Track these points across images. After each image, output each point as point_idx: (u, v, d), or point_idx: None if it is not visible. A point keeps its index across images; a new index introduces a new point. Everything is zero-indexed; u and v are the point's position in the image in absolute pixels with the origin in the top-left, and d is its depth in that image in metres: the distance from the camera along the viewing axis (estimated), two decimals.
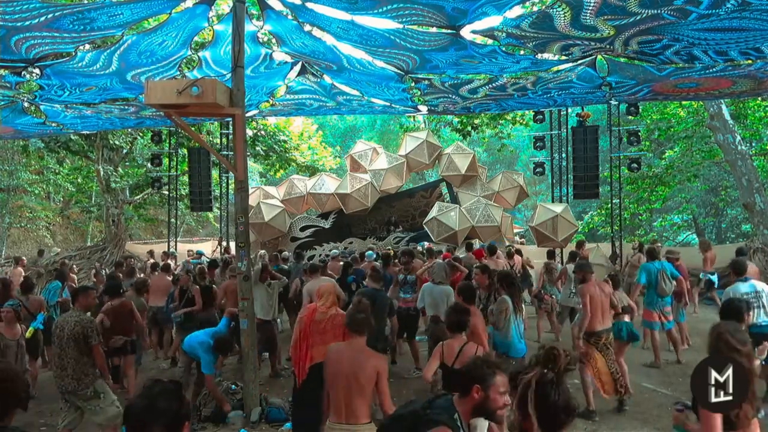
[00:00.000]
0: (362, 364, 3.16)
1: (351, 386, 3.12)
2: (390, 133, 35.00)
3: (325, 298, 4.50)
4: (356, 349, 3.24)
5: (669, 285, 7.07)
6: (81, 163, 20.43)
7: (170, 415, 1.75)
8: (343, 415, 3.13)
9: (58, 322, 4.60)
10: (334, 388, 3.17)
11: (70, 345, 4.40)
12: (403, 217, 16.56)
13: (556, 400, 1.81)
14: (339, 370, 3.16)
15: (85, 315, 4.63)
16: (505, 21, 5.06)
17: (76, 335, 4.40)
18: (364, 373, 3.12)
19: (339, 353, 3.24)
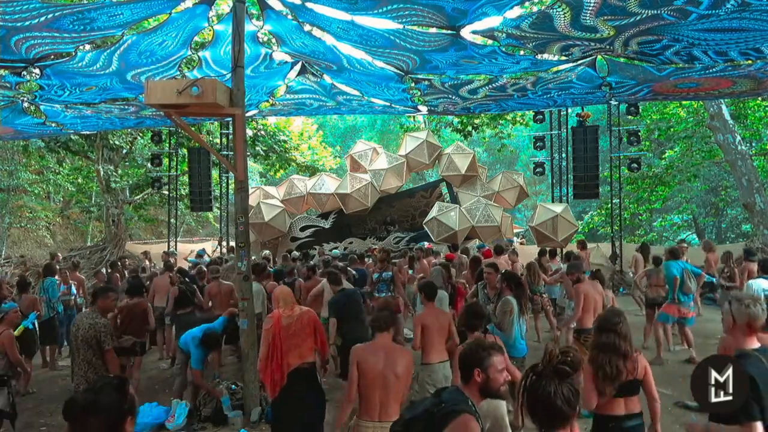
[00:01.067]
0: (397, 360, 3.18)
1: (388, 385, 3.14)
2: (390, 133, 34.99)
3: (284, 302, 4.41)
4: (387, 347, 3.25)
5: (693, 283, 7.19)
6: (81, 163, 20.43)
7: (111, 409, 1.79)
8: (377, 413, 3.14)
9: (74, 323, 4.50)
10: (371, 388, 3.15)
11: (83, 347, 4.33)
12: (403, 217, 16.56)
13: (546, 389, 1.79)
14: (376, 369, 3.14)
15: (101, 318, 4.47)
16: (505, 21, 5.06)
17: (89, 339, 4.31)
18: (401, 369, 3.15)
19: (372, 353, 3.21)
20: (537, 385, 1.80)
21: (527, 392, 1.82)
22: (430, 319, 4.63)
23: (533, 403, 1.81)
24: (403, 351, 3.31)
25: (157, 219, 24.55)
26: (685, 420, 5.23)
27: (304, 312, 4.38)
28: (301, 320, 4.28)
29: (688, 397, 5.49)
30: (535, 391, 1.80)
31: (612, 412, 3.14)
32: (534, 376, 1.83)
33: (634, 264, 10.43)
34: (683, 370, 6.58)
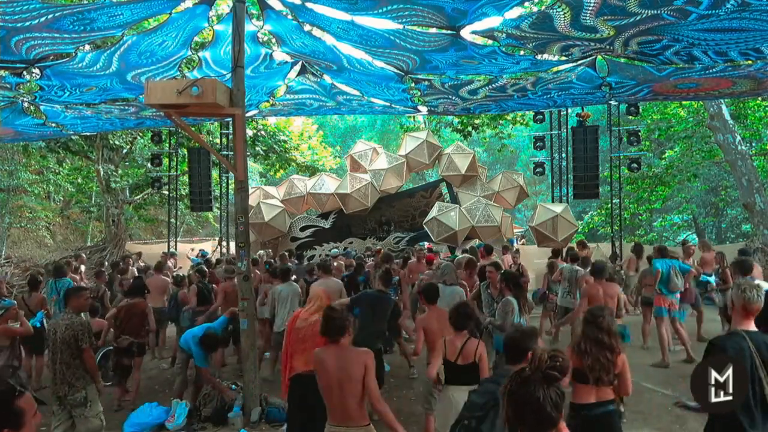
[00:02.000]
0: (349, 362, 3.15)
1: (343, 387, 3.12)
2: (390, 133, 35.00)
3: (311, 303, 4.30)
4: (341, 349, 3.22)
5: (680, 281, 7.29)
6: (81, 163, 20.43)
7: None
8: (338, 416, 3.14)
9: (51, 325, 4.46)
10: (328, 392, 3.17)
11: (61, 349, 4.28)
12: (403, 217, 16.56)
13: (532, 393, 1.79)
14: (328, 373, 3.15)
15: (77, 317, 4.46)
16: (505, 22, 5.07)
17: (67, 339, 4.28)
18: (355, 372, 3.12)
19: (325, 357, 3.21)
20: (525, 390, 1.80)
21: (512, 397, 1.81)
22: (431, 321, 4.62)
23: (520, 408, 1.80)
24: (358, 352, 3.25)
25: (157, 219, 24.56)
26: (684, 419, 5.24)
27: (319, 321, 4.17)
28: (313, 327, 4.07)
29: (687, 398, 5.50)
30: (522, 396, 1.79)
31: (583, 401, 3.34)
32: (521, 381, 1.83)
33: (627, 264, 10.48)
34: (683, 370, 6.59)
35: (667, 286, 7.24)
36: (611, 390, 3.35)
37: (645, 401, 5.85)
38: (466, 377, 3.79)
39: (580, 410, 3.33)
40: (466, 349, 3.80)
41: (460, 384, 3.81)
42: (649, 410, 5.58)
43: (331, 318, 3.26)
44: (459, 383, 3.82)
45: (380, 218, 16.32)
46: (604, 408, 3.32)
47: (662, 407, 5.65)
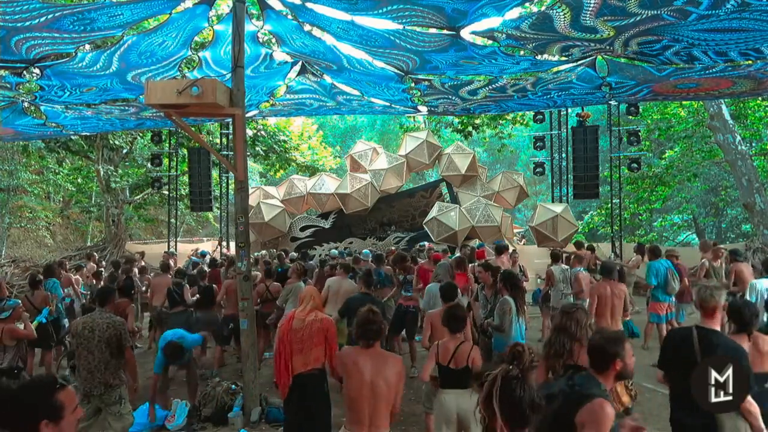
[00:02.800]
0: (385, 369, 3.07)
1: (376, 395, 3.03)
2: (390, 133, 34.99)
3: (305, 303, 4.23)
4: (375, 355, 3.13)
5: (677, 283, 7.25)
6: (81, 163, 20.44)
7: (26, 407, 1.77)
8: (366, 425, 3.03)
9: (86, 323, 4.37)
10: (358, 398, 3.05)
11: (100, 348, 4.25)
12: (403, 217, 16.56)
13: (522, 396, 1.82)
14: (362, 379, 3.04)
15: (116, 317, 4.47)
16: (504, 22, 5.07)
17: (109, 338, 4.26)
18: (389, 379, 3.06)
19: (358, 362, 3.10)
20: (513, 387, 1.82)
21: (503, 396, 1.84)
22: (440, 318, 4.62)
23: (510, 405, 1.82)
24: (393, 357, 3.22)
25: (157, 219, 24.56)
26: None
27: (317, 319, 4.11)
28: (311, 327, 4.04)
29: None
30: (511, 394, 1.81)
31: None
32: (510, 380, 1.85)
33: (635, 265, 10.42)
34: None
35: (665, 289, 7.19)
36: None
37: (645, 401, 5.85)
38: (458, 381, 3.79)
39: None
40: (458, 353, 3.80)
41: (453, 387, 3.82)
42: (649, 410, 5.58)
43: (370, 321, 3.16)
44: (452, 387, 3.83)
45: (382, 218, 16.32)
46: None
47: (662, 407, 5.64)
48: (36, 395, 1.80)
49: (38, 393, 1.82)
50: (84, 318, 4.55)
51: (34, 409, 1.77)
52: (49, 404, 1.80)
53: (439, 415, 3.86)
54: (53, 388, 1.85)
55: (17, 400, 1.79)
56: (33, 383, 1.88)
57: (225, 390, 5.84)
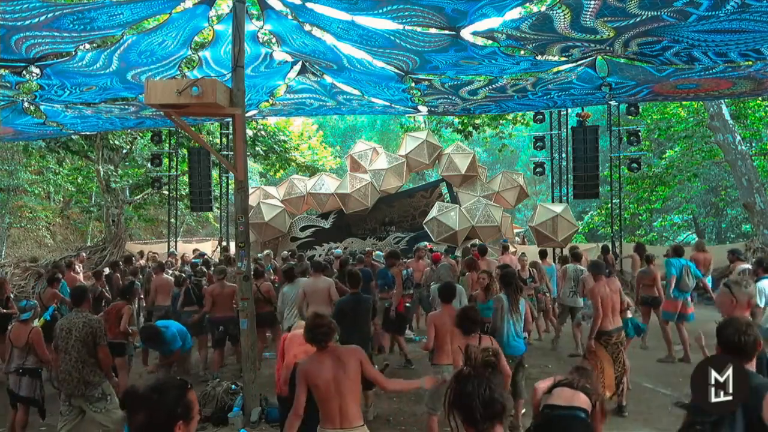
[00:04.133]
0: (343, 364, 3.11)
1: (341, 390, 3.07)
2: (390, 133, 35.00)
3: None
4: (331, 355, 3.16)
5: (692, 281, 7.28)
6: (81, 163, 20.44)
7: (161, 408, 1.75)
8: (337, 421, 3.08)
9: (63, 325, 4.40)
10: (326, 398, 3.09)
11: (76, 347, 4.26)
12: (403, 217, 16.57)
13: (473, 393, 1.81)
14: (324, 378, 3.08)
15: (92, 315, 4.49)
16: (505, 23, 5.07)
17: (84, 337, 4.28)
18: (351, 367, 3.09)
19: (318, 366, 3.13)
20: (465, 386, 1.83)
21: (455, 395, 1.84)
22: (444, 319, 4.63)
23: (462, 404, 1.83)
24: (345, 349, 3.23)
25: (157, 219, 24.55)
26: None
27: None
28: None
29: (688, 398, 5.49)
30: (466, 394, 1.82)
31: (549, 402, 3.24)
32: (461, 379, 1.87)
33: (632, 264, 10.44)
34: (683, 370, 6.59)
35: (678, 286, 7.23)
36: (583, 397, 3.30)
37: (645, 401, 5.85)
38: None
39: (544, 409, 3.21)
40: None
41: None
42: (649, 410, 5.58)
43: (318, 326, 3.17)
44: None
45: (382, 218, 16.33)
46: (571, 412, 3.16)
47: (662, 407, 5.65)
48: (173, 396, 1.78)
49: (175, 394, 1.80)
50: (62, 320, 4.58)
51: (172, 410, 1.76)
52: (185, 405, 1.80)
53: None
54: (186, 389, 1.83)
55: (154, 402, 1.76)
56: (168, 384, 1.84)
57: (225, 390, 5.84)
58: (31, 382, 4.95)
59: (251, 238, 7.63)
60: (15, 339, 5.03)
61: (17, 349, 5.00)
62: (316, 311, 3.34)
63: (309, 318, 3.26)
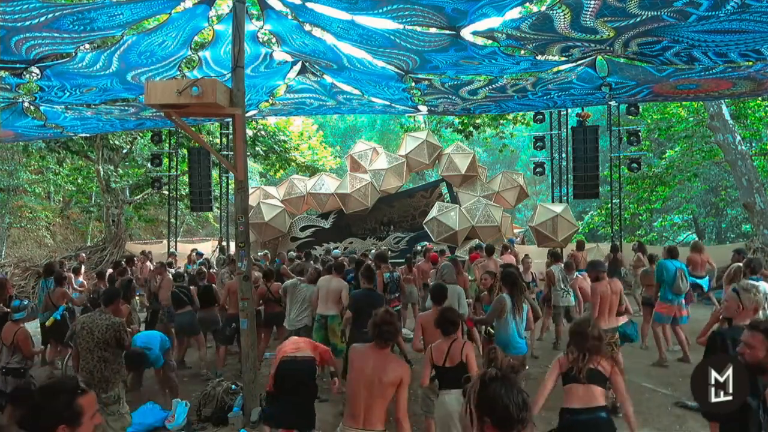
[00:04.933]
0: (387, 368, 3.12)
1: (372, 392, 3.08)
2: (390, 133, 35.00)
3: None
4: (381, 356, 3.19)
5: (685, 284, 7.17)
6: (81, 163, 20.44)
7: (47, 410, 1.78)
8: (360, 419, 3.09)
9: (84, 324, 4.40)
10: (355, 390, 3.12)
11: (99, 347, 4.29)
12: (403, 217, 16.57)
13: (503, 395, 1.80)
14: (362, 372, 3.12)
15: (115, 318, 4.49)
16: (505, 22, 5.07)
17: (108, 339, 4.30)
18: (388, 378, 3.09)
19: (364, 356, 3.18)
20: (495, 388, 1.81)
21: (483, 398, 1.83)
22: (431, 321, 4.62)
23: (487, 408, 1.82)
24: (398, 362, 3.24)
25: (157, 219, 24.55)
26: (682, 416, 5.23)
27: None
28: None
29: (687, 398, 5.50)
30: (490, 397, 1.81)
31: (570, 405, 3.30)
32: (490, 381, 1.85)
33: (635, 263, 10.38)
34: (683, 370, 6.59)
35: (671, 288, 7.17)
36: (601, 395, 3.26)
37: (645, 401, 5.85)
38: (456, 379, 3.79)
39: (565, 413, 3.28)
40: (452, 351, 3.84)
41: (451, 387, 3.84)
42: (649, 410, 5.58)
43: (387, 322, 3.19)
44: (450, 386, 3.84)
45: (382, 218, 16.33)
46: (591, 414, 3.21)
47: (662, 407, 5.65)
48: (57, 399, 1.80)
49: (59, 397, 1.81)
50: (83, 318, 4.58)
51: (54, 412, 1.77)
52: (70, 409, 1.80)
53: (442, 417, 3.86)
54: (74, 393, 1.84)
55: (38, 403, 1.79)
56: (54, 386, 1.87)
57: (225, 390, 5.85)
58: (15, 382, 4.96)
59: (251, 238, 7.63)
60: (4, 338, 5.08)
61: (5, 348, 5.07)
62: (389, 310, 3.34)
63: (379, 314, 3.25)
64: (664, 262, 7.33)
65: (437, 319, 4.06)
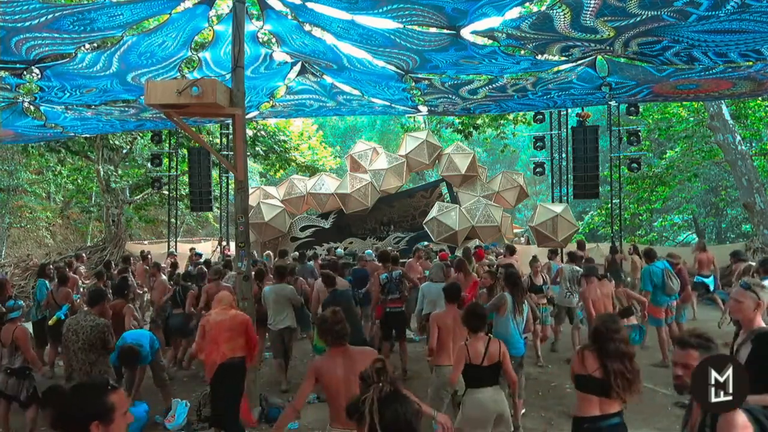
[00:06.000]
0: (356, 365, 3.06)
1: (350, 391, 3.04)
2: (390, 133, 35.01)
3: (222, 303, 4.78)
4: (346, 354, 3.18)
5: (675, 283, 7.15)
6: (81, 163, 20.45)
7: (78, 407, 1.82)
8: (344, 419, 3.11)
9: (70, 326, 4.43)
10: (335, 397, 3.11)
11: (84, 349, 4.31)
12: (403, 217, 16.57)
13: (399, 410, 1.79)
14: (334, 376, 3.11)
15: (100, 319, 4.53)
16: (505, 22, 5.07)
17: (92, 340, 4.32)
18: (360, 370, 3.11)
19: (331, 364, 3.16)
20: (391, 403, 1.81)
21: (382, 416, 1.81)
22: (447, 319, 4.63)
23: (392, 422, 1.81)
24: (364, 353, 3.21)
25: (157, 219, 24.56)
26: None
27: (239, 314, 4.79)
28: (233, 320, 4.66)
29: (687, 398, 5.49)
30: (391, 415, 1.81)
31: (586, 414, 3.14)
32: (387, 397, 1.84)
33: (632, 266, 10.40)
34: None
35: (663, 290, 7.16)
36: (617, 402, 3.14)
37: (645, 401, 5.84)
38: (492, 378, 3.88)
39: (582, 423, 3.14)
40: (490, 351, 3.86)
41: (487, 385, 3.88)
42: (649, 410, 5.57)
43: (335, 322, 3.19)
44: (486, 385, 3.88)
45: (382, 218, 16.34)
46: (608, 421, 3.11)
47: (662, 407, 5.65)
48: (88, 396, 1.84)
49: (90, 394, 1.86)
50: (69, 320, 4.61)
51: (86, 409, 1.80)
52: (101, 405, 1.83)
53: (477, 415, 3.86)
54: (105, 390, 1.88)
55: (70, 401, 1.83)
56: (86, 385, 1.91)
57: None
58: (17, 383, 4.99)
59: (251, 238, 7.63)
60: (3, 339, 5.09)
61: (5, 349, 5.06)
62: (334, 308, 3.34)
63: (328, 314, 3.25)
64: (648, 268, 7.27)
65: (464, 315, 4.05)
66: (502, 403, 3.89)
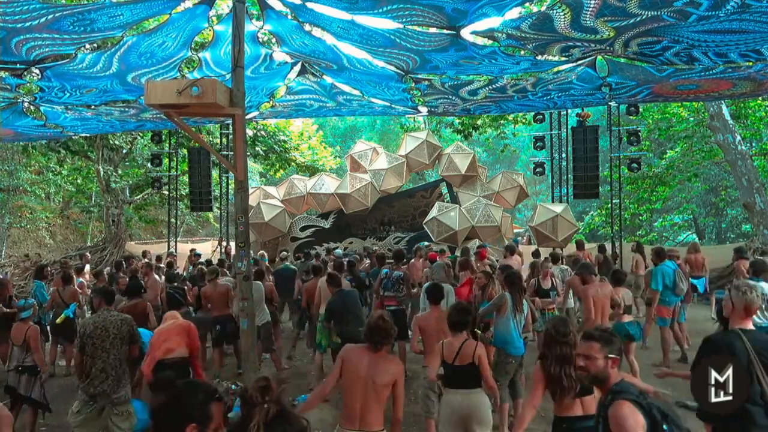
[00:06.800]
0: (380, 369, 3.12)
1: (368, 392, 3.09)
2: (390, 133, 35.02)
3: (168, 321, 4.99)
4: (376, 356, 3.18)
5: (685, 284, 7.20)
6: (81, 163, 20.45)
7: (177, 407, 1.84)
8: (357, 421, 3.10)
9: (96, 323, 4.36)
10: (351, 395, 3.12)
11: (116, 345, 4.28)
12: (403, 217, 16.58)
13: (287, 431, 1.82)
14: (357, 373, 3.12)
15: (123, 314, 4.55)
16: (505, 22, 5.07)
17: (124, 334, 4.32)
18: (381, 380, 3.09)
19: (359, 356, 3.17)
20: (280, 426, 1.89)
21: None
22: (430, 321, 4.63)
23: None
24: (391, 362, 3.23)
25: (157, 219, 24.56)
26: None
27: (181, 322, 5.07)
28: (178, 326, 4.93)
29: (687, 398, 5.48)
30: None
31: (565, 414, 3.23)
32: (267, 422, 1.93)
33: (635, 265, 10.37)
34: (683, 370, 6.58)
35: (674, 291, 7.15)
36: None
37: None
38: (464, 379, 3.79)
39: (561, 423, 3.21)
40: (463, 350, 3.81)
41: (458, 386, 3.83)
42: None
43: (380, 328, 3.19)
44: (457, 386, 3.83)
45: (382, 218, 16.35)
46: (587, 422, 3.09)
47: None
48: (196, 396, 1.86)
49: (198, 395, 1.86)
50: (92, 318, 4.53)
51: (191, 410, 1.82)
52: (204, 410, 1.84)
53: (445, 416, 3.85)
54: (212, 396, 1.89)
55: (180, 396, 1.86)
56: (197, 384, 1.93)
57: (225, 390, 5.83)
58: (29, 379, 5.06)
59: (251, 238, 7.63)
60: (15, 337, 5.18)
61: (17, 347, 5.15)
62: (383, 314, 3.35)
63: (373, 319, 3.26)
64: (660, 267, 7.21)
65: (448, 315, 4.04)
66: (476, 408, 3.75)
